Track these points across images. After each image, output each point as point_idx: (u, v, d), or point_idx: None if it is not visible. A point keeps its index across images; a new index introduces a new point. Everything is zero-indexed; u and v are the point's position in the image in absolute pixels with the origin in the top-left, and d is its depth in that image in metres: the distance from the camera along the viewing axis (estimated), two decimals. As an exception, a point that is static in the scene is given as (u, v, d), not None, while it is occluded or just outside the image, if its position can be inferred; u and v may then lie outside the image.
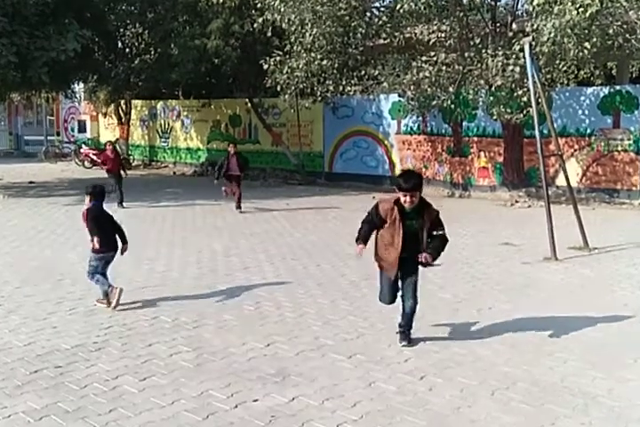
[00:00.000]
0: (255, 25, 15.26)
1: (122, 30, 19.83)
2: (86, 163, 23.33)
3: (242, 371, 4.58)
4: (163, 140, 24.15)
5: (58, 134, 30.85)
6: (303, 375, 4.50)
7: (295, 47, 14.65)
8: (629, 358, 4.81)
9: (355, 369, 4.63)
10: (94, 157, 23.23)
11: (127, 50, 20.44)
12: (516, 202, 13.66)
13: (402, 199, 4.82)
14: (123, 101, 24.28)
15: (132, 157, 24.19)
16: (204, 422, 3.80)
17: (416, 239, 4.93)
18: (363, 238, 5.12)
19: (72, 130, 29.07)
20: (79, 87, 24.40)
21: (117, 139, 25.12)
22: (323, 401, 4.08)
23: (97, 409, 3.96)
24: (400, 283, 5.11)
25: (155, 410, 3.95)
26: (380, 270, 5.19)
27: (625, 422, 3.77)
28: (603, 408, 3.96)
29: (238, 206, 12.81)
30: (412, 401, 4.09)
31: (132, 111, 24.68)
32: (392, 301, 5.19)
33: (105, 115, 26.16)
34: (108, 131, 26.83)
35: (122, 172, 13.88)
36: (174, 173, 22.13)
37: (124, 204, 13.31)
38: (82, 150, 23.85)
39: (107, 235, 6.22)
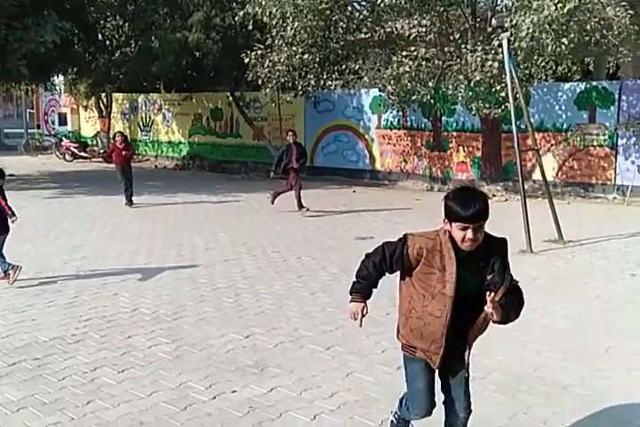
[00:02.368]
0: (236, 18, 15.23)
1: (102, 22, 19.68)
2: (67, 156, 23.19)
3: (220, 362, 4.62)
4: (144, 133, 24.01)
5: (38, 127, 30.57)
6: (281, 366, 4.55)
7: (276, 41, 14.64)
8: (601, 348, 4.92)
9: (333, 360, 4.68)
10: (75, 150, 23.15)
11: (107, 42, 20.27)
12: (494, 196, 13.79)
13: (457, 236, 2.85)
14: (103, 94, 24.14)
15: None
16: (182, 414, 3.83)
17: (470, 307, 2.94)
18: (363, 290, 3.16)
19: (52, 123, 28.81)
20: (59, 80, 24.18)
21: (98, 132, 25.00)
22: (301, 392, 4.13)
23: (75, 401, 3.98)
24: (440, 381, 3.18)
25: (133, 402, 3.98)
26: (408, 358, 3.16)
27: (596, 411, 3.87)
28: (575, 397, 4.05)
29: (300, 205, 11.41)
30: (389, 391, 4.14)
31: (113, 104, 24.54)
32: (430, 409, 3.19)
33: (86, 108, 25.98)
34: (88, 124, 26.64)
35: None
36: (156, 166, 22.04)
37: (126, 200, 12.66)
38: (63, 143, 23.70)
39: (4, 215, 6.57)
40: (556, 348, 4.91)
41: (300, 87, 15.25)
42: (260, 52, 14.81)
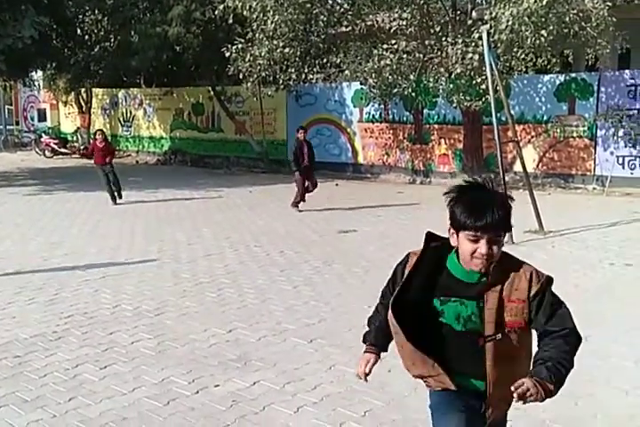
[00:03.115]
0: (216, 12, 15.12)
1: (80, 17, 19.50)
2: (47, 152, 23.00)
3: (203, 357, 4.62)
4: (125, 128, 23.85)
5: (17, 123, 30.24)
6: (264, 360, 4.55)
7: (257, 35, 14.58)
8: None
9: (315, 353, 4.70)
10: (55, 146, 22.95)
11: (86, 37, 20.10)
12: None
13: (465, 251, 2.17)
14: (83, 90, 23.95)
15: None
16: (164, 409, 3.83)
17: (476, 356, 2.22)
18: (374, 338, 2.51)
19: (32, 119, 28.53)
20: (38, 75, 23.92)
21: (78, 128, 24.80)
22: (284, 385, 4.14)
23: (56, 398, 3.96)
24: None
25: (115, 398, 3.97)
26: (431, 393, 2.45)
27: (575, 398, 3.91)
28: (554, 385, 4.10)
29: (296, 204, 11.13)
30: (372, 383, 4.15)
31: (93, 100, 24.35)
32: None
33: (65, 103, 25.76)
34: (68, 120, 26.40)
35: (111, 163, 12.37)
36: (137, 161, 21.91)
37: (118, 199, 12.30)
38: (42, 139, 23.48)
39: None
40: (534, 337, 4.95)
41: (281, 81, 15.21)
42: (240, 45, 14.72)
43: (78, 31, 19.73)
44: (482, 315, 2.20)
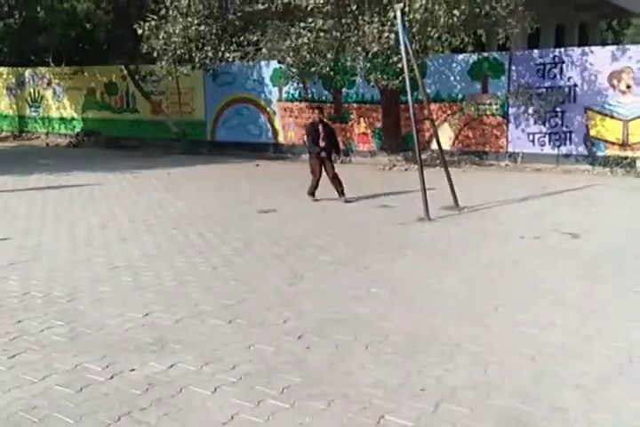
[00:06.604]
0: (127, -13, 14.63)
1: (-20, -9, 18.40)
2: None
3: (118, 342, 4.51)
4: (33, 109, 22.80)
5: None
6: (182, 342, 4.49)
7: (171, 11, 14.20)
8: (490, 306, 5.16)
9: (235, 333, 4.67)
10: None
11: (-12, 13, 19.03)
12: (394, 166, 14.11)
13: None
14: (-14, 69, 22.73)
15: (-1, 129, 22.98)
16: (77, 395, 3.72)
17: None
18: None
19: None
20: None
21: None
22: (202, 366, 4.10)
23: (-40, 390, 3.78)
24: None
25: (25, 387, 3.82)
26: None
27: (484, 365, 4.06)
28: (466, 354, 4.23)
29: (342, 192, 9.96)
30: (290, 360, 4.19)
31: (-2, 79, 23.19)
32: None
33: (-34, 83, 24.36)
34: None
35: None
36: (47, 144, 21.02)
37: None
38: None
39: None
40: (451, 309, 5.11)
41: (197, 59, 14.90)
42: (154, 23, 14.31)
43: (-22, 6, 18.64)
44: None
